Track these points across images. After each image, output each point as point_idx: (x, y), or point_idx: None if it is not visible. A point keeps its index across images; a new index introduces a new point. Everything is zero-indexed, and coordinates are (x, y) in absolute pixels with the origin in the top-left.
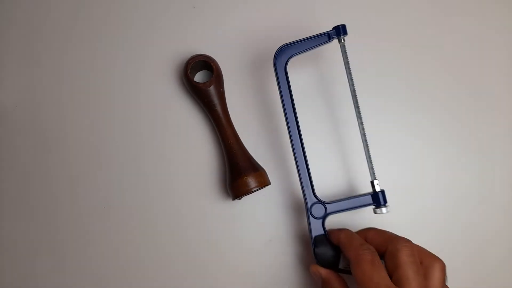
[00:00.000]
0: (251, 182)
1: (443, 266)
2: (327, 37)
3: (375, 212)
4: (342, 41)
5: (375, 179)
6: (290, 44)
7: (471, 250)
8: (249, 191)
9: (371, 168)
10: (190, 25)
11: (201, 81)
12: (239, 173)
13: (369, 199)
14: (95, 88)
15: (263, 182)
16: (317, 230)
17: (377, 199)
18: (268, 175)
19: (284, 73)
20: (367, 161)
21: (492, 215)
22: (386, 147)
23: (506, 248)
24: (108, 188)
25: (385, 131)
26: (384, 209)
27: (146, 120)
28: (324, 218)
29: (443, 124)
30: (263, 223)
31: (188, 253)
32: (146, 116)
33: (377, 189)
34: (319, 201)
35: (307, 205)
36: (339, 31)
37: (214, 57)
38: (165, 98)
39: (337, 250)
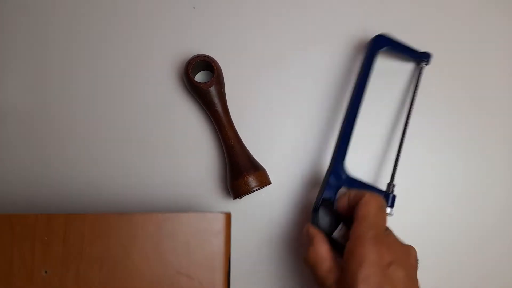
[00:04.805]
0: (252, 181)
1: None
2: (421, 56)
3: None
4: (423, 65)
5: (394, 183)
6: (391, 39)
7: (471, 251)
8: (249, 191)
9: (394, 172)
10: (190, 26)
11: (201, 81)
12: (239, 173)
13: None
14: (95, 88)
15: (264, 181)
16: (328, 193)
17: (387, 199)
18: (269, 174)
19: (372, 56)
20: (395, 165)
21: (492, 217)
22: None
23: (505, 249)
24: (107, 188)
25: (384, 133)
26: (388, 210)
27: (147, 120)
28: (340, 186)
29: (442, 125)
30: (263, 222)
31: None
32: (146, 116)
33: (393, 192)
34: (345, 170)
35: (333, 167)
36: (426, 58)
37: (214, 58)
38: (165, 98)
39: (338, 220)
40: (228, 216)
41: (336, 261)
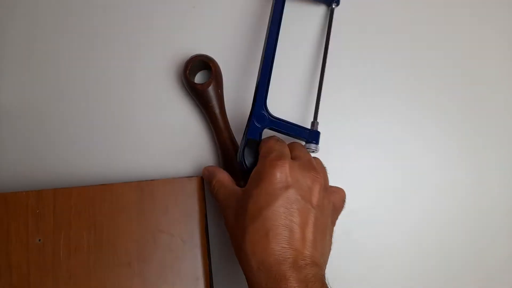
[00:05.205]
0: None
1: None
2: None
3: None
4: (333, 6)
5: (317, 121)
6: None
7: (470, 252)
8: None
9: (317, 109)
10: (190, 25)
11: (200, 81)
12: (234, 176)
13: (306, 133)
14: (94, 88)
15: None
16: (253, 135)
17: (313, 136)
18: None
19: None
20: (316, 101)
21: (490, 216)
22: (381, 148)
23: (505, 250)
24: None
25: (384, 131)
26: (313, 146)
27: (145, 120)
28: (263, 127)
29: (441, 123)
30: None
31: None
32: (145, 116)
33: (317, 129)
34: (267, 111)
35: (254, 110)
36: None
37: (214, 58)
38: (165, 98)
39: None
40: (199, 179)
41: (238, 189)
